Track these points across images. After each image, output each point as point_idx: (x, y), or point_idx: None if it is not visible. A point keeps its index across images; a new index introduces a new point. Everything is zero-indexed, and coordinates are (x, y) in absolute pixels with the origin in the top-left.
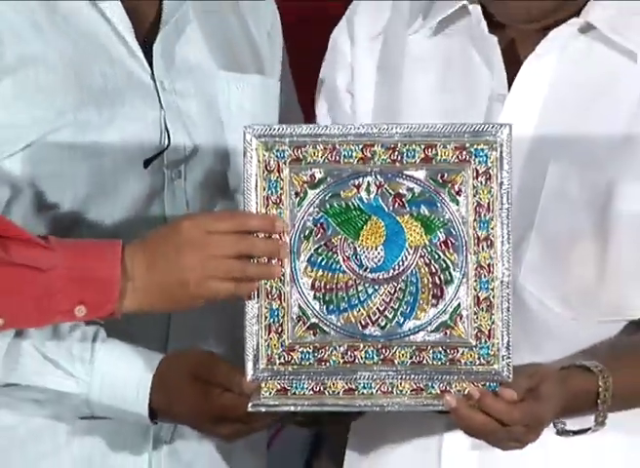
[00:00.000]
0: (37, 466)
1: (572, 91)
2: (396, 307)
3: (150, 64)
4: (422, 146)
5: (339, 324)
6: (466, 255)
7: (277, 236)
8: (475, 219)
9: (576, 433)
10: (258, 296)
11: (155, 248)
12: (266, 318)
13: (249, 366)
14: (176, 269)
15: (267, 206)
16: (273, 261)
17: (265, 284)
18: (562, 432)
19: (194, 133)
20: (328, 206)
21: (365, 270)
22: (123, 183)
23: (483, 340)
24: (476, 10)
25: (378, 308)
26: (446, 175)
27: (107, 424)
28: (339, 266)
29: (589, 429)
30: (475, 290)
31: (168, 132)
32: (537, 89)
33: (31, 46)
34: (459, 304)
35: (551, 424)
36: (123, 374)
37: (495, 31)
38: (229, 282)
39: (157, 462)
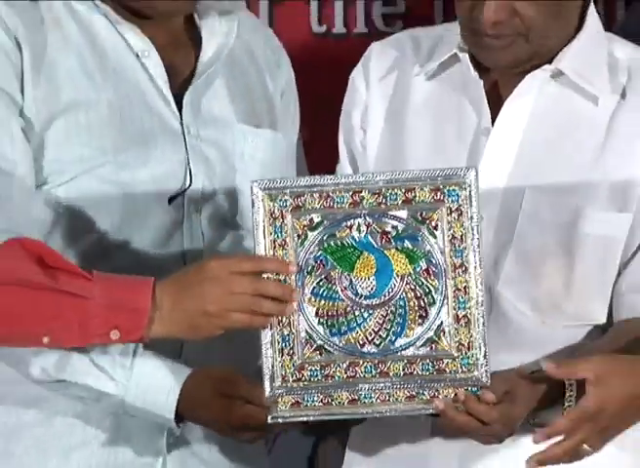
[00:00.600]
0: (69, 456)
1: (546, 127)
2: (388, 328)
3: (180, 111)
4: (403, 190)
5: (340, 344)
6: (445, 281)
7: (289, 278)
8: (451, 250)
9: (545, 425)
10: (271, 325)
11: (183, 283)
12: (279, 343)
13: (266, 384)
14: (200, 301)
15: (274, 248)
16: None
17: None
18: (534, 424)
19: (212, 175)
20: (326, 245)
21: (360, 297)
22: (151, 215)
23: (464, 352)
24: (465, 57)
25: (373, 329)
26: (424, 213)
27: (130, 420)
28: (337, 295)
29: None
30: (455, 309)
31: (191, 173)
32: (516, 125)
33: (83, 91)
34: (441, 322)
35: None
36: (156, 383)
37: (481, 73)
38: (246, 315)
39: (171, 451)
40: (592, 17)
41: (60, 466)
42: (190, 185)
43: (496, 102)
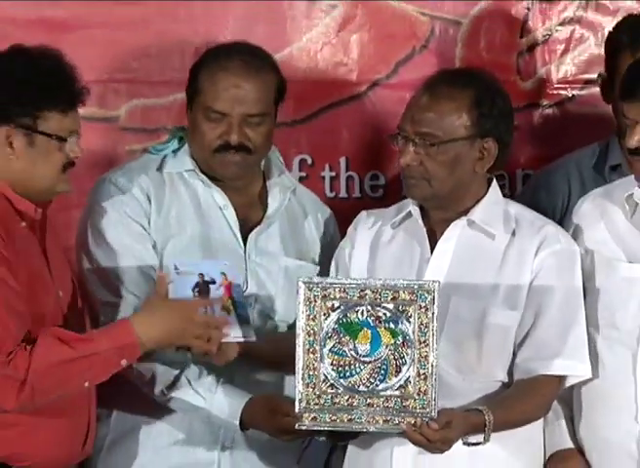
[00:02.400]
0: (159, 452)
1: (464, 256)
2: (375, 377)
3: (245, 244)
4: (391, 291)
5: (344, 384)
6: (414, 350)
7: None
8: (419, 331)
9: (473, 444)
10: (302, 368)
11: (152, 311)
12: (306, 380)
13: (296, 405)
14: (173, 330)
15: (309, 320)
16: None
17: (307, 361)
18: (466, 443)
19: (260, 286)
20: (341, 321)
21: (359, 356)
22: None
23: (421, 396)
24: (416, 212)
25: (365, 377)
26: (404, 307)
27: (197, 430)
28: (345, 353)
29: (480, 443)
30: (418, 368)
31: (247, 283)
32: (446, 256)
33: (184, 227)
34: (409, 376)
35: (460, 439)
36: (229, 401)
37: (425, 223)
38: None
39: (225, 452)
40: (494, 188)
41: (153, 459)
42: (246, 290)
43: (433, 240)
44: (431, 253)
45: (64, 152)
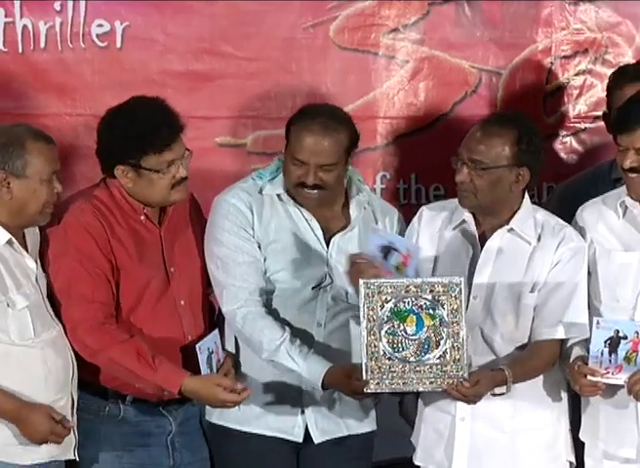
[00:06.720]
0: (256, 402)
1: (505, 255)
2: (421, 350)
3: (328, 246)
4: (429, 286)
5: (398, 356)
6: (448, 329)
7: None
8: (451, 314)
9: (498, 394)
10: (366, 346)
11: (199, 388)
12: (370, 355)
13: (363, 374)
14: (210, 399)
15: (368, 310)
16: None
17: (369, 341)
18: (493, 394)
19: (337, 278)
20: (393, 310)
21: (408, 335)
22: (302, 293)
23: (456, 362)
24: (470, 219)
25: (413, 350)
26: (439, 297)
27: (284, 390)
28: (397, 333)
29: (503, 393)
30: (452, 342)
31: (326, 276)
32: (491, 254)
33: (279, 235)
34: (446, 348)
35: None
36: (315, 367)
37: (477, 228)
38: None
39: (309, 407)
40: (526, 200)
41: (255, 405)
42: (324, 281)
43: (483, 241)
44: (481, 251)
45: (168, 177)
